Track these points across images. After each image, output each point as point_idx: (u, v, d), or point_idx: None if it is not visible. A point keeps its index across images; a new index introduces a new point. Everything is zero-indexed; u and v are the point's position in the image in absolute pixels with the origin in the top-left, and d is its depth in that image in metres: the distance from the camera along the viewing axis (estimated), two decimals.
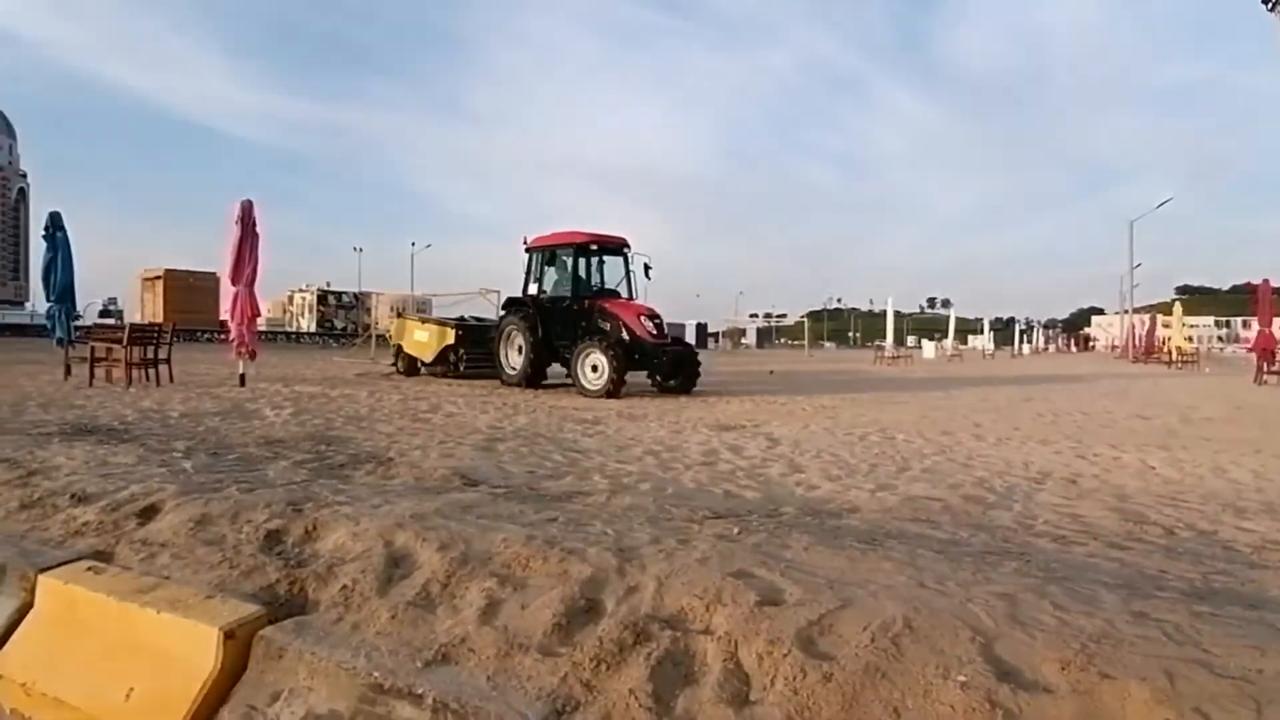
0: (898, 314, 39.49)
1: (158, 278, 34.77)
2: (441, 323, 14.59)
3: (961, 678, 1.65)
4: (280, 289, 60.83)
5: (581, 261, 12.20)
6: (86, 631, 2.32)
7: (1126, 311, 41.93)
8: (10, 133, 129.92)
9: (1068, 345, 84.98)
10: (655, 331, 11.25)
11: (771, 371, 18.88)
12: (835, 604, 1.97)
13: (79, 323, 14.77)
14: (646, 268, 12.45)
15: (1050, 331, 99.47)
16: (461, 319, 15.00)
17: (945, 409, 9.15)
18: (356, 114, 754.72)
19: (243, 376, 10.65)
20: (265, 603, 2.26)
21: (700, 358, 11.93)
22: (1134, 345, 38.29)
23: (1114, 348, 70.13)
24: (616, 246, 12.45)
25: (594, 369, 10.64)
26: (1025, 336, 66.53)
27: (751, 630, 1.88)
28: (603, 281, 12.54)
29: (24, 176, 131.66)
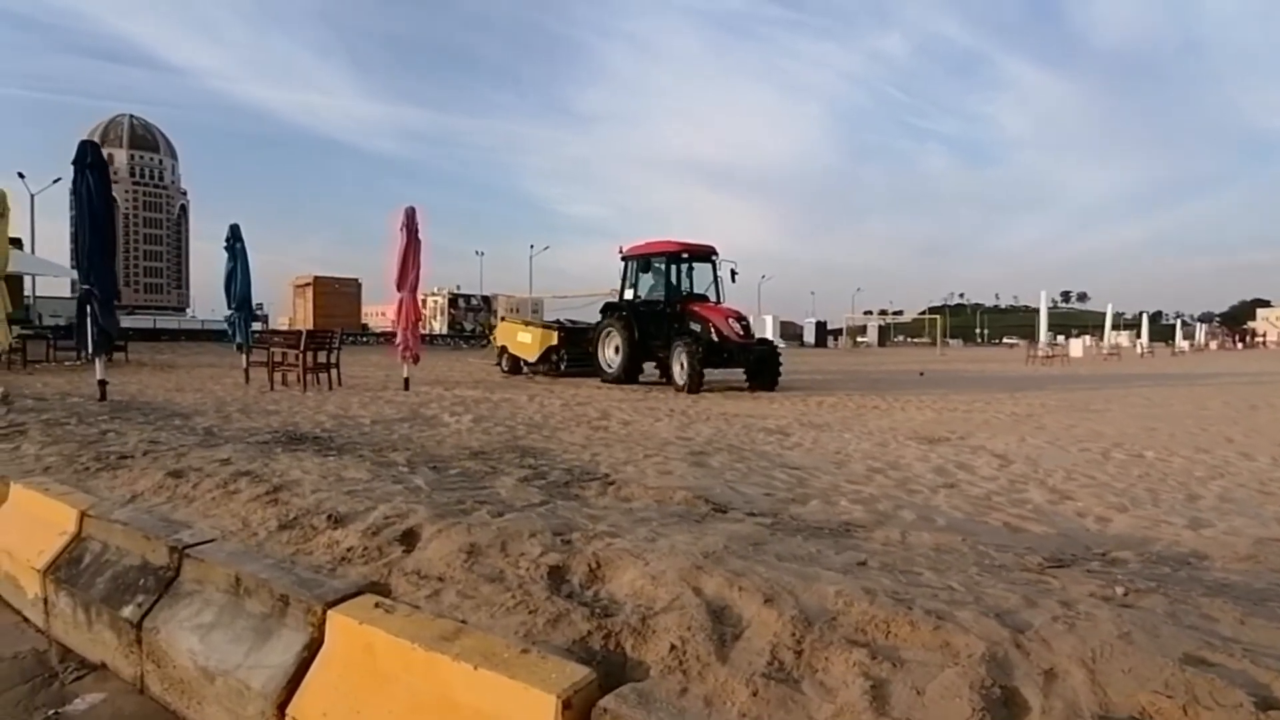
0: (1029, 309, 36.73)
1: (308, 284, 37.07)
2: (545, 325, 15.30)
3: None
4: None
5: (673, 268, 13.01)
6: (389, 680, 2.11)
7: None
8: (173, 154, 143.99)
9: (1232, 341, 76.66)
10: (742, 332, 11.84)
11: (922, 373, 17.81)
12: None
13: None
14: (733, 273, 13.17)
15: (1208, 326, 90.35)
16: (558, 322, 15.66)
17: (1162, 417, 8.12)
18: (472, 121, 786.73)
19: (406, 380, 10.94)
20: (582, 659, 1.98)
21: (819, 356, 12.44)
22: None
23: None
24: (705, 254, 13.18)
25: (681, 366, 11.36)
26: (1183, 332, 60.65)
27: None
28: (691, 286, 13.22)
29: (184, 194, 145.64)
